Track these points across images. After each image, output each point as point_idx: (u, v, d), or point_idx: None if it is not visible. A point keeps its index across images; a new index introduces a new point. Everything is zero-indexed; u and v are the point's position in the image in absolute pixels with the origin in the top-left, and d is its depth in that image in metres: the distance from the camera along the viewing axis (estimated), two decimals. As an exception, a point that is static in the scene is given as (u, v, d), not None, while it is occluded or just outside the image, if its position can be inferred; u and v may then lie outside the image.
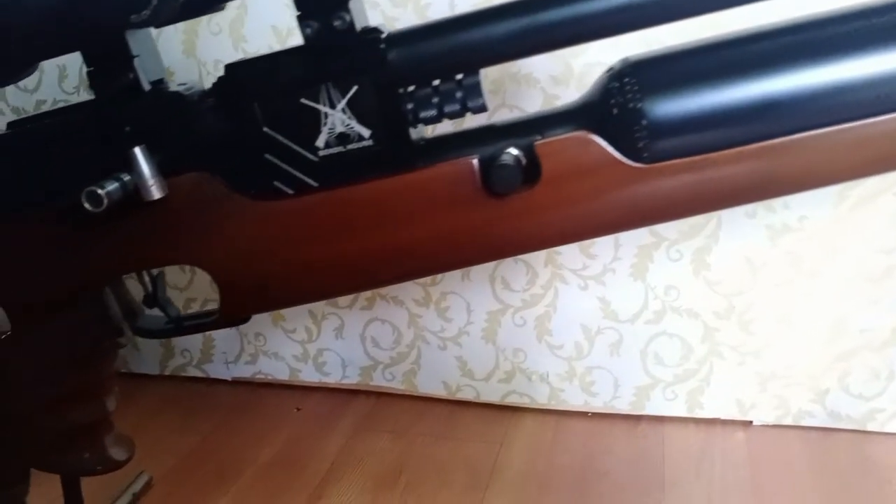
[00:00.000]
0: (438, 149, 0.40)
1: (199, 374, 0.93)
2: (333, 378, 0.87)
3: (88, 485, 0.59)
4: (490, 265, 0.77)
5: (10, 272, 0.43)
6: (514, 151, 0.38)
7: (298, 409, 0.84)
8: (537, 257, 0.75)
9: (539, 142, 0.37)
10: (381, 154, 0.39)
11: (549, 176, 0.37)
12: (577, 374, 0.78)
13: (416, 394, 0.85)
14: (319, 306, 0.85)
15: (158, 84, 0.41)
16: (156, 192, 0.39)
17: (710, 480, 0.67)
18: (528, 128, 0.39)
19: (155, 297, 0.47)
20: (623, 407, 0.78)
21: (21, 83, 0.85)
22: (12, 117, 0.86)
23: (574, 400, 0.79)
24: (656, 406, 0.77)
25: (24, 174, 0.42)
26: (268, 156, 0.40)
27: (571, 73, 0.65)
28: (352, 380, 0.87)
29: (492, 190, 0.38)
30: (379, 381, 0.86)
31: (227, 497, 0.70)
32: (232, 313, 0.43)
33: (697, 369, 0.74)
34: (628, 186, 0.37)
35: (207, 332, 0.90)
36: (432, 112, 0.39)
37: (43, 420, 0.48)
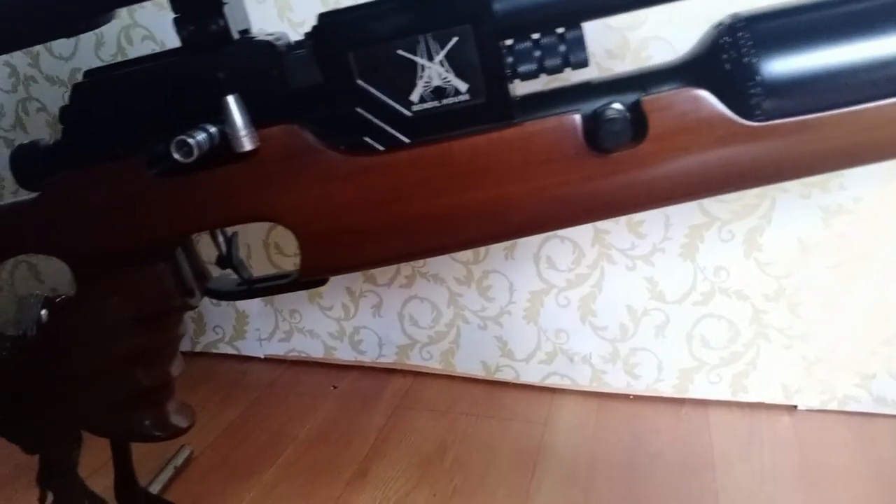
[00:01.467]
0: (535, 105, 0.39)
1: (230, 350, 0.92)
2: (369, 356, 0.86)
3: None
4: (535, 244, 0.76)
5: (88, 221, 0.42)
6: (618, 107, 0.37)
7: (335, 387, 0.83)
8: (584, 236, 0.74)
9: (647, 97, 0.36)
10: (477, 109, 0.38)
11: (656, 132, 0.36)
12: (620, 355, 0.77)
13: (453, 373, 0.84)
14: (357, 283, 0.84)
15: (245, 34, 0.40)
16: (247, 144, 0.38)
17: (760, 463, 0.67)
18: (628, 84, 0.38)
19: (230, 258, 0.45)
20: (666, 390, 0.77)
21: (56, 51, 0.83)
22: (46, 86, 0.85)
23: (616, 382, 0.78)
24: (700, 389, 0.76)
25: (107, 122, 0.41)
26: (359, 109, 0.39)
27: (627, 47, 0.65)
28: (388, 358, 0.86)
29: (597, 146, 0.37)
30: (416, 360, 0.85)
31: (271, 471, 0.68)
32: (312, 273, 0.42)
33: (743, 352, 0.74)
34: (738, 146, 0.36)
35: (241, 309, 0.88)
36: (531, 66, 0.38)
37: (106, 382, 0.47)
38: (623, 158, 0.37)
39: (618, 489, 0.64)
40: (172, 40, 0.78)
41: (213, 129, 0.38)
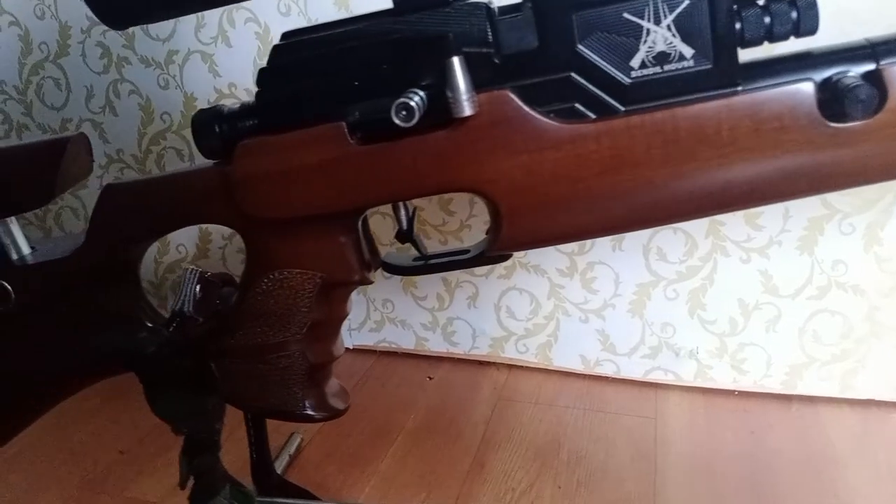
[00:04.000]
0: (757, 73, 0.38)
1: (318, 341, 0.90)
2: (462, 348, 0.85)
3: (241, 447, 0.56)
4: (646, 236, 0.75)
5: (280, 188, 0.40)
6: (856, 75, 0.35)
7: (430, 378, 0.81)
8: (699, 228, 0.73)
9: (886, 66, 0.35)
10: (700, 76, 0.37)
11: (893, 104, 0.35)
12: (728, 350, 0.76)
13: (549, 367, 0.82)
14: (454, 274, 0.83)
15: (454, -3, 0.39)
16: (468, 108, 0.36)
17: (875, 461, 0.65)
18: (856, 54, 0.37)
19: (410, 232, 0.44)
20: (774, 386, 0.76)
21: (153, 32, 0.82)
22: (140, 67, 0.84)
23: (722, 378, 0.77)
24: (809, 386, 0.75)
25: (305, 86, 0.39)
26: (574, 75, 0.38)
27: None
28: (481, 351, 0.84)
29: (835, 115, 0.35)
30: (510, 353, 0.83)
31: (386, 461, 0.67)
32: (509, 247, 0.41)
33: (855, 349, 0.72)
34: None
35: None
36: (759, 33, 0.37)
37: (273, 358, 0.45)
38: (855, 130, 0.36)
39: (743, 484, 0.63)
40: (273, 21, 0.77)
41: (423, 94, 0.37)
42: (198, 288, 0.48)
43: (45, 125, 0.91)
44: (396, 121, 0.36)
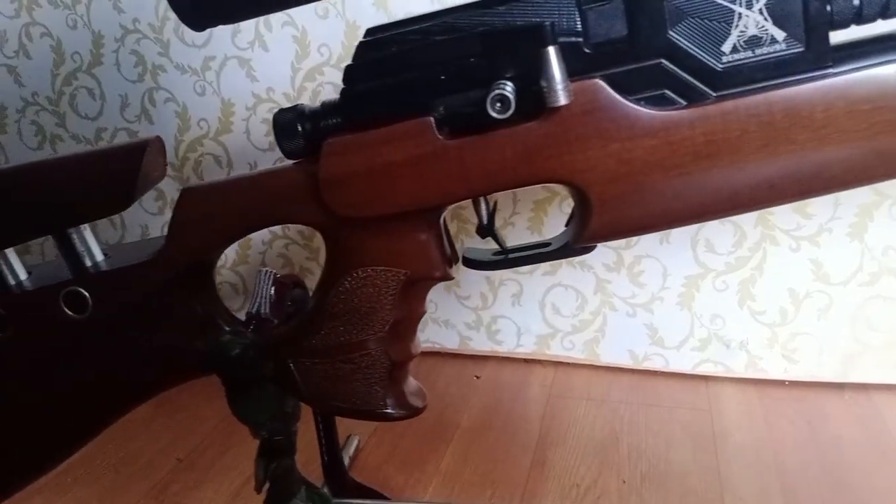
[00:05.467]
0: (845, 55, 0.38)
1: (360, 344, 0.90)
2: (506, 347, 0.85)
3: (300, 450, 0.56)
4: (693, 228, 0.74)
5: (368, 185, 0.40)
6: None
7: (477, 377, 0.81)
8: (747, 218, 0.73)
9: None
10: (792, 59, 0.37)
11: None
12: (779, 340, 0.75)
13: (596, 363, 0.82)
14: (497, 272, 0.82)
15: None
16: (562, 98, 0.36)
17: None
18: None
19: (491, 226, 0.44)
20: (826, 375, 0.75)
21: (189, 38, 0.82)
22: (176, 74, 0.83)
23: (773, 368, 0.77)
24: (862, 373, 0.75)
25: (396, 80, 0.39)
26: (665, 62, 0.38)
27: None
28: (526, 349, 0.84)
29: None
30: (556, 350, 0.83)
31: (446, 460, 0.67)
32: (597, 237, 0.41)
33: (908, 334, 0.72)
34: None
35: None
36: (849, 15, 0.37)
37: (355, 357, 0.45)
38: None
39: (811, 473, 0.62)
40: (311, 24, 0.77)
41: (513, 86, 0.37)
42: (272, 290, 0.48)
43: (79, 136, 0.90)
44: (492, 113, 0.36)
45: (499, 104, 0.36)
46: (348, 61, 0.69)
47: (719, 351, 0.77)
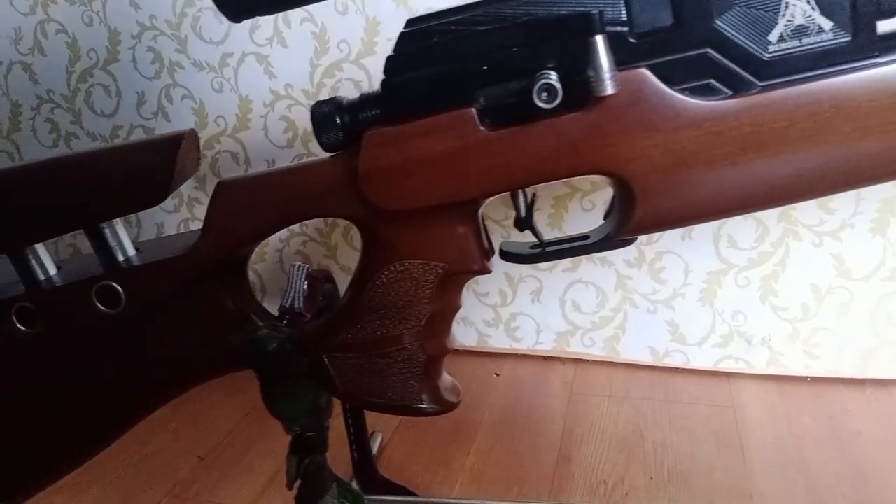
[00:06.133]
0: (892, 44, 0.37)
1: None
2: (525, 344, 0.84)
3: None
4: (715, 223, 0.74)
5: (408, 177, 0.40)
6: None
7: (497, 375, 0.81)
8: (770, 213, 0.72)
9: None
10: (838, 49, 0.37)
11: None
12: (800, 336, 0.75)
13: (616, 360, 0.82)
14: (517, 269, 0.82)
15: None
16: (610, 87, 0.36)
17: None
18: None
19: (529, 219, 0.43)
20: (846, 370, 0.75)
21: (206, 35, 0.82)
22: (193, 71, 0.83)
23: (794, 364, 0.76)
24: (881, 369, 0.74)
25: (437, 71, 0.39)
26: (710, 51, 0.37)
27: None
28: (546, 346, 0.84)
29: None
30: (576, 347, 0.83)
31: (470, 458, 0.66)
32: (641, 229, 0.40)
33: (930, 330, 0.72)
34: None
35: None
36: (894, 4, 0.36)
37: (392, 351, 0.44)
38: None
39: (835, 468, 0.62)
40: (330, 20, 0.76)
41: (557, 75, 0.37)
42: (305, 284, 0.47)
43: (94, 133, 0.90)
44: (539, 103, 0.36)
45: (545, 94, 0.36)
46: (368, 57, 0.68)
47: (741, 347, 0.77)
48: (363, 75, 0.78)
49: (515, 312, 0.83)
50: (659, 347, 0.79)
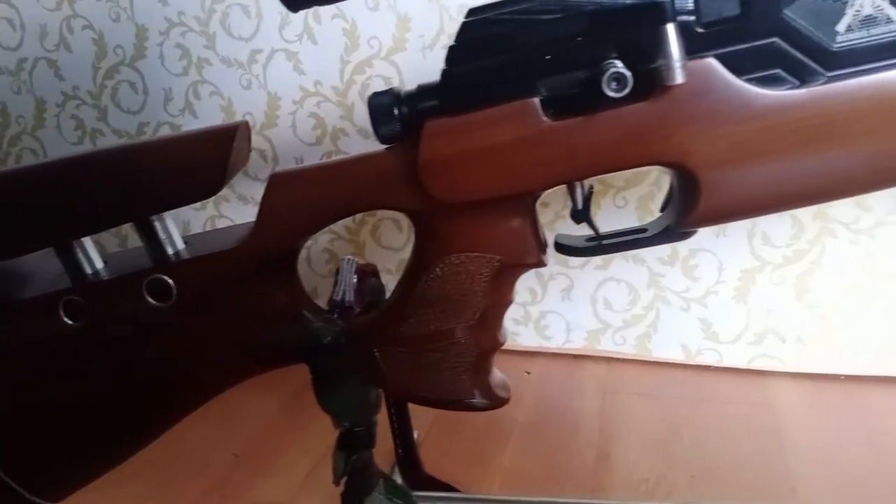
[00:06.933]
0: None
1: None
2: (555, 343, 0.84)
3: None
4: (749, 221, 0.74)
5: (469, 168, 0.39)
6: None
7: (528, 373, 0.80)
8: (806, 211, 0.72)
9: None
10: (908, 39, 0.36)
11: None
12: (834, 334, 0.75)
13: (648, 359, 0.81)
14: (548, 267, 0.81)
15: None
16: (679, 76, 0.36)
17: None
18: None
19: (586, 211, 0.43)
20: (881, 369, 0.75)
21: (235, 32, 0.81)
22: (221, 68, 0.83)
23: (828, 362, 0.76)
24: (914, 366, 0.74)
25: (499, 61, 0.39)
26: (778, 41, 0.37)
27: None
28: (576, 344, 0.83)
29: None
30: (607, 345, 0.82)
31: (508, 455, 0.66)
32: (704, 221, 0.40)
33: (966, 327, 0.72)
34: None
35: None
36: (965, -6, 0.36)
37: (445, 345, 0.44)
38: None
39: (873, 466, 0.62)
40: (361, 16, 0.76)
41: (616, 63, 0.36)
42: (355, 278, 0.47)
43: (120, 130, 0.90)
44: (608, 92, 0.36)
45: (615, 83, 0.35)
46: (398, 53, 0.68)
47: (775, 345, 0.77)
48: (393, 72, 0.77)
49: (545, 311, 0.83)
50: (692, 345, 0.79)
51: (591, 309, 0.81)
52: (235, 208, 0.88)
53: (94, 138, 0.91)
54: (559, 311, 0.82)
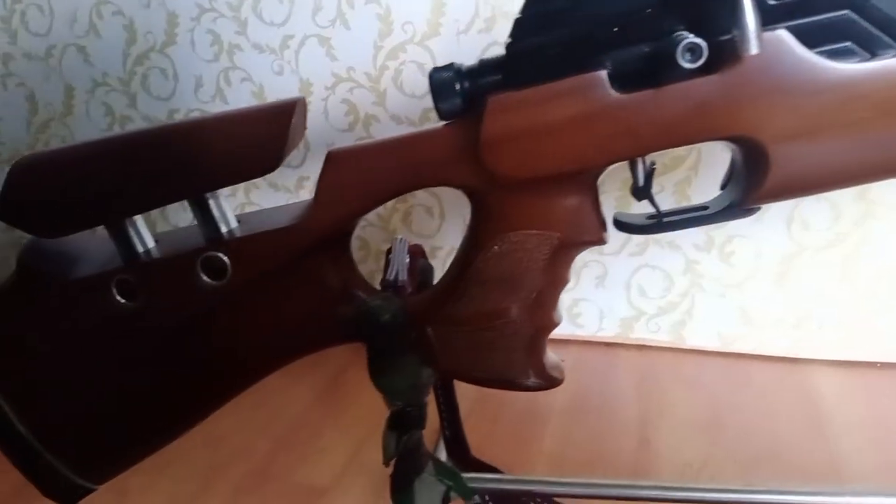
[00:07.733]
0: None
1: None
2: (588, 330, 0.83)
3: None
4: (788, 206, 0.73)
5: (534, 143, 0.39)
6: None
7: (562, 361, 0.79)
8: (845, 193, 0.71)
9: None
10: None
11: None
12: (873, 320, 0.74)
13: (682, 346, 0.81)
14: (582, 254, 0.81)
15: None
16: (754, 47, 0.35)
17: None
18: None
19: (647, 188, 0.42)
20: (922, 356, 0.74)
21: (267, 17, 0.81)
22: (253, 54, 0.82)
23: (867, 348, 0.75)
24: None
25: (566, 34, 0.38)
26: (850, 13, 0.37)
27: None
28: (609, 332, 0.83)
29: None
30: (641, 333, 0.82)
31: (547, 440, 0.65)
32: (767, 196, 0.39)
33: None
34: None
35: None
36: None
37: (500, 324, 0.44)
38: None
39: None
40: (395, 1, 0.76)
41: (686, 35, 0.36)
42: (407, 258, 0.47)
43: (150, 117, 0.89)
44: (683, 63, 0.35)
45: (689, 53, 0.35)
46: (433, 38, 0.67)
47: (813, 332, 0.76)
48: (427, 57, 0.77)
49: (578, 298, 0.82)
50: (728, 332, 0.78)
51: (625, 296, 0.81)
52: (266, 194, 0.88)
53: (124, 125, 0.91)
54: (592, 298, 0.82)
